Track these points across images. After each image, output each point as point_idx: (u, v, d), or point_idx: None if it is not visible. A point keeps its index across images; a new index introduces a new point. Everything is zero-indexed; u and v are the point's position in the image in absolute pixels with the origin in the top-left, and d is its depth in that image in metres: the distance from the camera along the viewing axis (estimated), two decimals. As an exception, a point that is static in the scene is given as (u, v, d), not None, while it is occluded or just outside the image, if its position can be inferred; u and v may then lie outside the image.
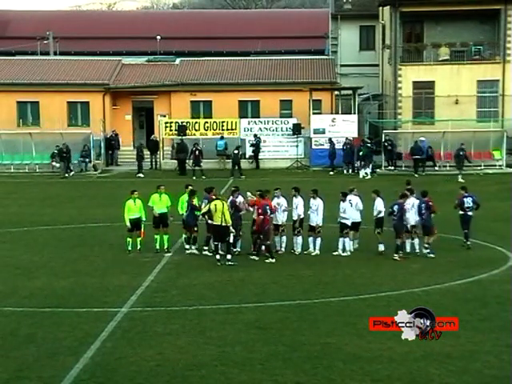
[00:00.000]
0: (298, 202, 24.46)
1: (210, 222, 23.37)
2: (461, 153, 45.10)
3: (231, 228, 23.01)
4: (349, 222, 24.10)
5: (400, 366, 14.15)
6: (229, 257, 22.99)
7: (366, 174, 45.87)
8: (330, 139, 48.39)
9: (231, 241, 23.22)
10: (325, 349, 15.14)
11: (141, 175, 46.72)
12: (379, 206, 24.23)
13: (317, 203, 24.25)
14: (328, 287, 20.23)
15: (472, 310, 17.86)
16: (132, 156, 52.80)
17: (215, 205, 23.05)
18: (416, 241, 24.11)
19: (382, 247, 24.16)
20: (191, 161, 47.29)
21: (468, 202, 25.09)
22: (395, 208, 23.60)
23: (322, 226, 24.27)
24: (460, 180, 41.50)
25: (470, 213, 25.12)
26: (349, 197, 24.40)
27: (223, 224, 22.84)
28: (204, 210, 23.69)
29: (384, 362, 14.39)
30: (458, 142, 46.97)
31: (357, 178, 44.55)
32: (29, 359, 14.73)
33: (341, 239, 24.18)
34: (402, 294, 19.26)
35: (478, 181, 43.30)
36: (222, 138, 49.82)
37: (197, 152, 46.85)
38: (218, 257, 23.09)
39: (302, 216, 24.43)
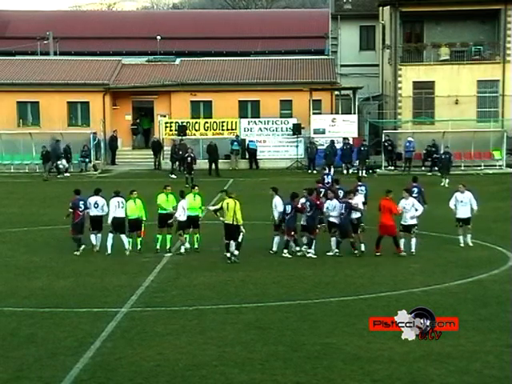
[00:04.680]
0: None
1: (221, 219, 23.34)
2: (446, 156, 43.86)
3: (241, 228, 23.06)
4: (336, 220, 24.02)
5: (400, 366, 14.12)
6: (236, 253, 23.05)
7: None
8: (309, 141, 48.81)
9: (240, 240, 23.24)
10: (325, 349, 15.12)
11: (173, 176, 45.34)
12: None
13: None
14: (328, 287, 20.22)
15: (472, 310, 17.84)
16: (132, 156, 53.00)
17: (227, 203, 23.05)
18: (414, 240, 24.05)
19: (363, 247, 24.20)
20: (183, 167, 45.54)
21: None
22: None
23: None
24: (446, 185, 39.47)
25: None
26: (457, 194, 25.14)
27: (234, 223, 22.89)
28: (217, 207, 23.74)
29: (384, 362, 14.37)
30: (459, 141, 46.92)
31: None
32: (29, 359, 14.72)
33: (332, 239, 24.16)
34: (401, 294, 19.24)
35: (478, 181, 43.29)
36: (237, 137, 49.83)
37: (189, 159, 43.35)
38: (228, 254, 23.13)
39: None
